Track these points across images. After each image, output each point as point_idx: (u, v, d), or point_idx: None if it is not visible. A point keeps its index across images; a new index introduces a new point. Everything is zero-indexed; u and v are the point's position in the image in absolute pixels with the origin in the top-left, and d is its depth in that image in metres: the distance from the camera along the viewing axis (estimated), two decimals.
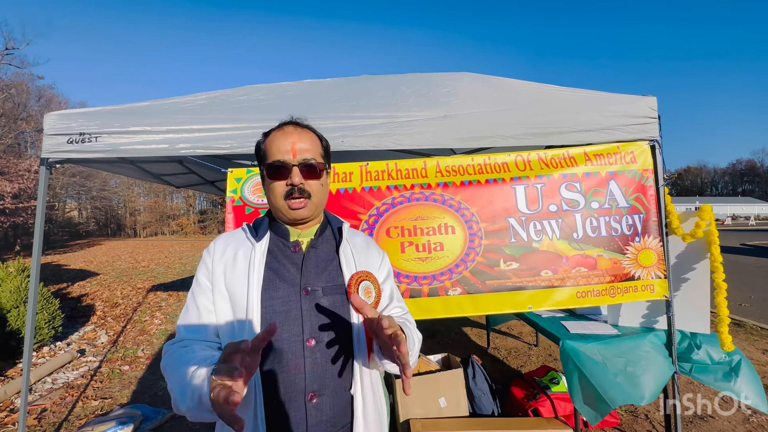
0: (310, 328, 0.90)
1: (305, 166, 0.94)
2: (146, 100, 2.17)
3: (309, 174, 0.94)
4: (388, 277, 1.09)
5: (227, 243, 0.98)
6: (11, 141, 17.44)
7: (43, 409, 3.21)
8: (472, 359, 2.98)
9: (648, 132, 2.07)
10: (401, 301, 1.11)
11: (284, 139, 0.94)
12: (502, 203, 2.03)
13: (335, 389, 0.90)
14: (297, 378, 0.87)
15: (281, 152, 0.93)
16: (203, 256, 0.98)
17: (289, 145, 0.93)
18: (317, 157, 0.96)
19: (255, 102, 2.19)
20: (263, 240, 0.96)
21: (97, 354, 4.60)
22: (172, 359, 0.86)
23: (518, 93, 2.25)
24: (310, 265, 0.96)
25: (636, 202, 2.08)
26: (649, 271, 2.06)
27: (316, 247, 0.99)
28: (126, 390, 3.56)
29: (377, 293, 0.99)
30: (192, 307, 0.94)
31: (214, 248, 0.98)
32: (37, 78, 19.33)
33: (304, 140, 0.95)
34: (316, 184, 0.96)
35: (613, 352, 2.03)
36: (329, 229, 1.05)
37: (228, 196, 2.05)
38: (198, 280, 0.96)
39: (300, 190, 0.93)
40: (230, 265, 0.94)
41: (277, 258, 0.95)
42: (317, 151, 0.98)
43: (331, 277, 0.96)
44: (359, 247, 1.04)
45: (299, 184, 0.92)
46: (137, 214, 44.32)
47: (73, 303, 7.14)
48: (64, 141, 1.97)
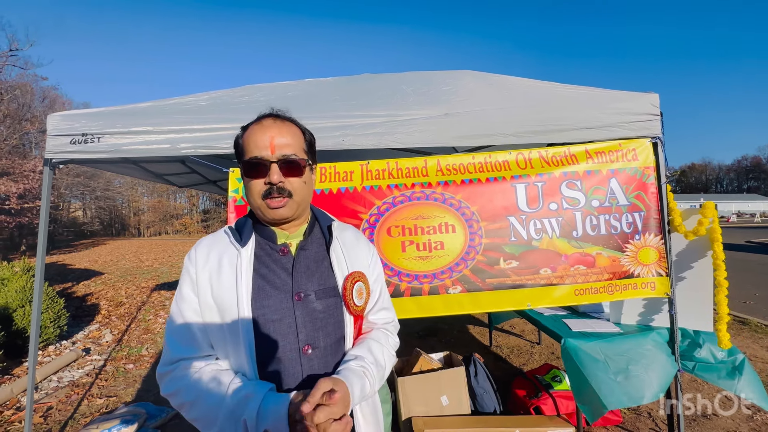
0: (305, 335, 0.88)
1: (285, 162, 0.86)
2: (149, 101, 2.18)
3: (289, 171, 0.87)
4: (379, 276, 1.05)
5: (210, 249, 0.92)
6: (16, 142, 17.58)
7: (48, 408, 3.25)
8: (474, 357, 2.98)
9: (650, 129, 2.06)
10: (387, 303, 1.07)
11: (262, 133, 0.86)
12: (503, 202, 2.03)
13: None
14: (294, 385, 0.86)
15: (259, 148, 0.86)
16: (185, 263, 0.92)
17: (267, 140, 0.85)
18: (299, 153, 0.89)
19: (256, 102, 2.20)
20: (249, 244, 0.90)
21: (102, 353, 4.64)
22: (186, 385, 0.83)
23: (519, 91, 2.24)
24: (300, 269, 0.91)
25: (637, 199, 2.07)
26: (650, 269, 2.05)
27: (305, 248, 0.94)
28: (130, 388, 3.59)
29: (368, 293, 0.98)
30: (179, 321, 0.88)
31: (196, 256, 0.91)
32: (41, 79, 19.50)
33: (284, 134, 0.88)
34: (298, 182, 0.89)
35: (615, 350, 2.02)
36: (317, 228, 0.99)
37: (230, 195, 2.05)
38: (182, 292, 0.89)
39: (279, 189, 0.86)
40: (215, 274, 0.87)
41: (265, 263, 0.90)
42: (299, 145, 0.90)
43: (323, 279, 0.93)
44: (349, 244, 1.00)
45: (278, 182, 0.85)
46: (141, 213, 44.56)
47: (78, 302, 7.20)
48: (67, 142, 1.98)
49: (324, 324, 0.90)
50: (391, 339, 1.03)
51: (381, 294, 1.05)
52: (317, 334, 0.89)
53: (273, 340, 0.86)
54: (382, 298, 1.05)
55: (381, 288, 1.05)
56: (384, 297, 1.06)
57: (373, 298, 1.02)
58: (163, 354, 0.90)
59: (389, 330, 1.04)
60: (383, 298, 1.06)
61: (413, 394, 2.51)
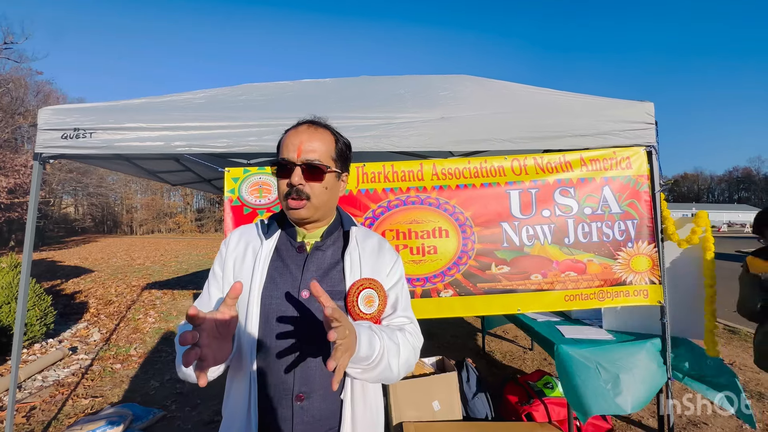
0: (305, 330, 0.90)
1: (308, 166, 0.91)
2: (144, 97, 2.16)
3: (311, 175, 0.91)
4: (397, 284, 1.03)
5: (241, 236, 1.01)
6: (8, 136, 17.35)
7: (32, 407, 3.18)
8: (466, 362, 2.97)
9: (644, 138, 2.08)
10: (407, 311, 1.04)
11: (294, 137, 0.93)
12: (497, 208, 2.04)
13: (325, 393, 0.90)
14: (287, 377, 0.88)
15: (288, 150, 0.92)
16: (221, 246, 1.02)
17: (296, 144, 0.91)
18: (324, 159, 0.92)
19: (253, 101, 2.19)
20: (272, 237, 0.97)
21: (90, 352, 4.56)
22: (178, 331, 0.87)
23: (517, 97, 2.25)
24: (311, 268, 0.94)
25: (630, 207, 2.08)
26: (643, 277, 2.06)
27: (321, 249, 0.97)
28: (117, 389, 3.53)
29: (381, 301, 0.96)
30: (205, 294, 0.98)
31: (229, 240, 1.01)
32: (36, 73, 19.33)
33: (314, 140, 0.92)
34: (318, 187, 0.92)
35: (606, 357, 2.03)
36: (339, 231, 1.02)
37: (226, 196, 2.03)
38: (213, 269, 1.00)
39: (297, 191, 0.90)
40: (240, 259, 0.96)
41: (282, 257, 0.96)
42: (326, 152, 0.94)
43: (333, 282, 0.94)
44: (370, 250, 1.00)
45: (298, 184, 0.90)
46: (134, 211, 44.13)
47: (66, 300, 7.09)
48: (59, 136, 1.96)
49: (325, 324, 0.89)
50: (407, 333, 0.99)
51: (398, 300, 1.03)
52: (316, 333, 0.89)
53: (274, 329, 0.90)
54: (401, 306, 1.03)
55: (398, 295, 1.03)
56: (402, 304, 1.03)
57: (389, 305, 1.00)
58: None
59: (405, 329, 1.01)
60: (401, 305, 1.03)
61: (405, 399, 2.49)
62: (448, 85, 2.36)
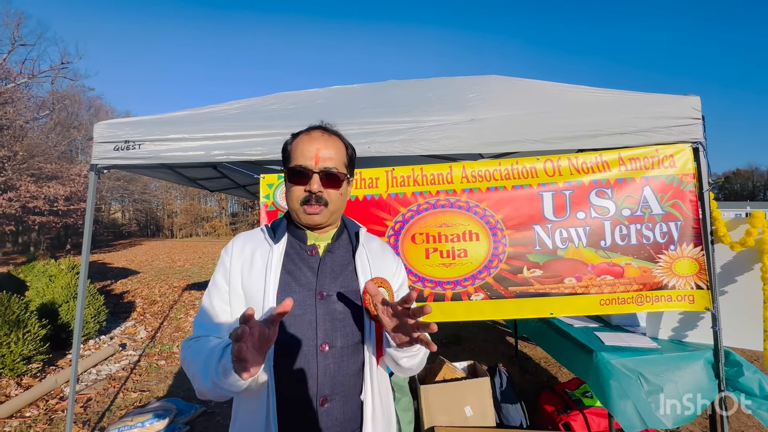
0: (323, 332, 0.90)
1: (326, 174, 0.92)
2: (184, 110, 2.30)
3: (329, 183, 0.93)
4: (402, 286, 1.07)
5: (245, 242, 0.99)
6: (64, 148, 18.91)
7: (88, 399, 3.44)
8: (499, 368, 2.91)
9: (690, 134, 1.95)
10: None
11: (310, 144, 0.93)
12: (528, 210, 1.99)
13: (346, 394, 0.91)
14: (310, 382, 0.88)
15: (305, 157, 0.92)
16: (222, 255, 0.99)
17: (313, 151, 0.92)
18: (339, 167, 0.95)
19: (285, 109, 2.26)
20: (281, 242, 0.96)
21: (137, 348, 4.87)
22: (191, 350, 0.89)
23: (548, 95, 2.19)
24: (326, 270, 0.96)
25: (673, 208, 1.96)
26: (688, 281, 1.94)
27: (332, 251, 0.99)
28: (162, 384, 3.75)
29: (391, 300, 0.97)
30: (207, 306, 0.95)
31: (232, 247, 0.99)
32: (88, 89, 20.96)
33: (330, 147, 0.94)
34: (335, 193, 0.95)
35: (650, 368, 1.91)
36: (346, 234, 1.04)
37: (261, 201, 2.12)
38: (215, 281, 0.97)
39: (317, 198, 0.92)
40: (247, 266, 0.94)
41: (293, 261, 0.96)
42: (341, 159, 0.96)
43: (347, 282, 0.96)
44: (375, 252, 1.04)
45: (317, 191, 0.92)
46: (174, 216, 46.59)
47: (116, 299, 7.61)
48: (111, 148, 2.12)
49: (343, 325, 0.92)
50: None
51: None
52: (335, 334, 0.91)
53: (292, 333, 0.89)
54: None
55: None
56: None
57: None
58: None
59: None
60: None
61: (436, 403, 2.47)
62: (476, 86, 2.34)
